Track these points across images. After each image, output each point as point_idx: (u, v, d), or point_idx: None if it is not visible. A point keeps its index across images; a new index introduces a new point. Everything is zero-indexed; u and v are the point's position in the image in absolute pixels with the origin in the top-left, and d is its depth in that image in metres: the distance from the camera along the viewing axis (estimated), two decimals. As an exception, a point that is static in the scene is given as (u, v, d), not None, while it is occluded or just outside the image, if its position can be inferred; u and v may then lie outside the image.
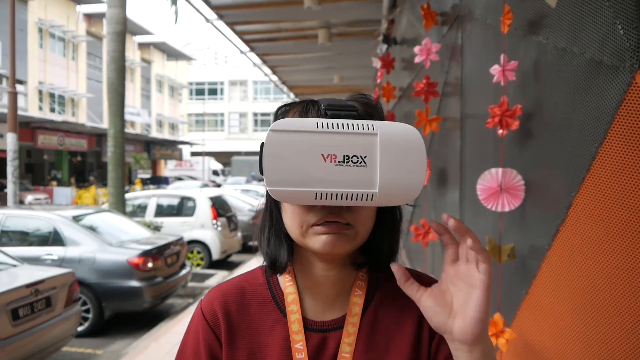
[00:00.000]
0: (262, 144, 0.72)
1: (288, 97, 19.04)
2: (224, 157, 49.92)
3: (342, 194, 0.71)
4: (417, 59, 2.57)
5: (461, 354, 0.74)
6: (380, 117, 0.82)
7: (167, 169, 44.18)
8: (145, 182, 31.55)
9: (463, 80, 2.49)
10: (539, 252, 1.73)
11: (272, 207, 0.85)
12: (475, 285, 0.72)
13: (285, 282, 0.87)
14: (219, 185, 30.90)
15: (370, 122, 0.73)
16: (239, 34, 9.72)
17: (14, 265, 5.21)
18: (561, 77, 1.60)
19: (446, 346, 0.80)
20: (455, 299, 0.74)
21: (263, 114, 55.10)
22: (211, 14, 8.61)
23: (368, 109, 0.81)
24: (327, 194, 0.70)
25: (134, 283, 6.37)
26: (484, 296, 0.71)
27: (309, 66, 12.44)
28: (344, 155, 0.71)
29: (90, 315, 6.35)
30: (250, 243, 12.72)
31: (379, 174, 0.71)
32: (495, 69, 1.82)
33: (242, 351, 0.84)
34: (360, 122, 0.73)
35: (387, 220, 0.85)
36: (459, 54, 2.51)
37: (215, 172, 43.53)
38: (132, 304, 6.42)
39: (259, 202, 0.91)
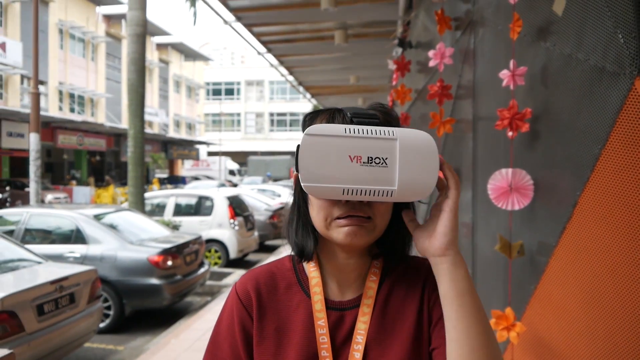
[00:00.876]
0: (298, 145, 0.83)
1: (304, 98, 19.15)
2: (241, 157, 50.23)
3: (365, 190, 0.81)
4: (431, 63, 2.66)
5: (436, 268, 0.88)
6: (397, 124, 0.93)
7: (184, 168, 44.59)
8: (162, 182, 31.88)
9: (475, 83, 2.57)
10: (547, 249, 1.81)
11: (300, 202, 0.96)
12: (444, 208, 0.86)
13: (310, 268, 0.99)
14: (235, 185, 31.11)
15: (390, 129, 0.84)
16: (257, 36, 9.84)
17: (39, 263, 5.38)
18: (567, 82, 1.68)
19: (438, 309, 0.90)
20: (435, 226, 0.88)
21: (279, 114, 55.31)
22: (229, 16, 8.73)
23: (388, 117, 0.93)
24: (352, 190, 0.81)
25: (154, 280, 6.51)
26: (447, 215, 0.85)
27: (326, 67, 12.53)
28: (368, 157, 0.82)
29: (111, 312, 6.50)
30: (267, 242, 12.85)
31: (398, 174, 0.82)
32: (504, 74, 1.90)
33: (270, 326, 0.95)
34: (382, 128, 0.84)
35: (402, 216, 0.95)
36: (471, 57, 2.59)
37: (231, 172, 43.82)
38: (152, 301, 6.57)
39: (288, 201, 1.02)
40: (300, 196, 0.97)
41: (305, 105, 48.45)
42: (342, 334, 0.94)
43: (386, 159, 0.82)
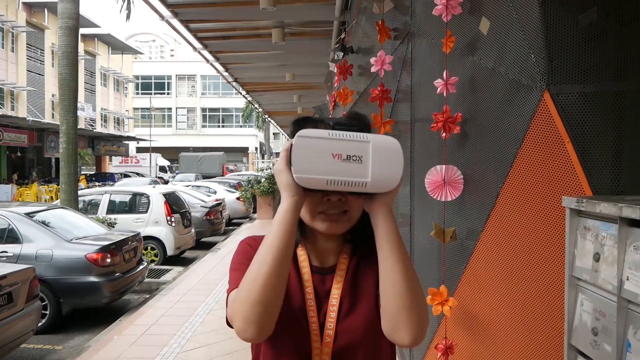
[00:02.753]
0: (291, 144, 1.04)
1: (239, 94, 19.08)
2: (172, 153, 48.97)
3: (344, 182, 1.04)
4: (372, 69, 2.92)
5: (373, 220, 1.10)
6: (369, 129, 1.16)
7: (112, 165, 42.95)
8: (90, 179, 30.59)
9: (412, 88, 2.86)
10: (474, 234, 2.12)
11: None
12: None
13: (298, 250, 1.24)
14: (166, 182, 30.36)
15: (364, 134, 1.08)
16: (193, 32, 9.78)
17: (-28, 262, 5.21)
18: (490, 92, 1.98)
19: None
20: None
21: (212, 110, 54.39)
22: (166, 12, 8.63)
23: (362, 126, 1.17)
24: (334, 181, 1.04)
25: (93, 278, 6.40)
26: None
27: (262, 64, 12.61)
28: (347, 155, 1.05)
29: (47, 312, 6.34)
30: (203, 239, 12.81)
31: (371, 169, 1.04)
32: (439, 82, 2.18)
33: None
34: (357, 133, 1.07)
35: None
36: (409, 65, 2.88)
37: (162, 169, 42.70)
38: (91, 300, 6.45)
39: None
40: None
41: (238, 100, 47.94)
42: (322, 292, 1.20)
43: (361, 157, 1.04)
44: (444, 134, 2.18)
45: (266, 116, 27.32)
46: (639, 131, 1.78)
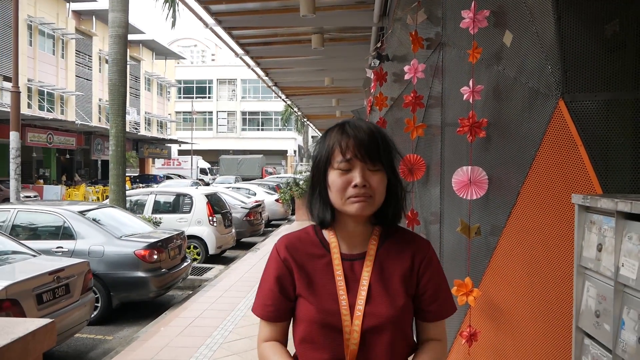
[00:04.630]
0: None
1: (278, 98, 19.47)
2: (212, 156, 50.07)
3: None
4: (406, 76, 3.13)
5: None
6: (389, 143, 1.39)
7: (155, 167, 44.22)
8: (134, 181, 31.59)
9: (443, 95, 3.04)
10: (497, 230, 2.29)
11: (321, 188, 1.37)
12: None
13: (329, 234, 1.42)
14: (207, 184, 31.09)
15: None
16: (236, 38, 10.14)
17: (34, 256, 5.64)
18: (512, 99, 2.16)
19: (428, 271, 1.35)
20: None
21: (251, 113, 55.31)
22: (210, 20, 9.00)
23: (383, 140, 1.37)
24: None
25: (141, 274, 6.76)
26: None
27: (301, 68, 12.89)
28: None
29: (99, 304, 6.72)
30: (243, 239, 13.18)
31: None
32: (465, 90, 2.37)
33: (303, 274, 1.38)
34: None
35: (392, 194, 1.38)
36: (440, 73, 3.06)
37: (203, 171, 43.65)
38: (139, 294, 6.81)
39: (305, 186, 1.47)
40: (322, 184, 1.38)
41: (277, 104, 48.62)
42: (352, 277, 1.37)
43: None
44: (470, 138, 2.36)
45: (305, 119, 27.69)
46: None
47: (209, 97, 55.20)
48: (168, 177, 34.22)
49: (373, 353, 1.32)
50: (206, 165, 45.22)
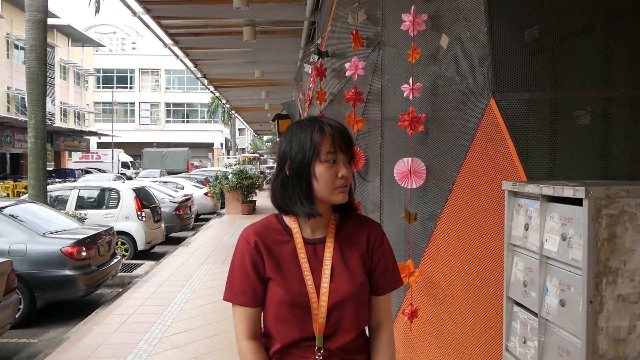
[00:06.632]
0: None
1: (206, 89, 19.16)
2: (135, 149, 48.21)
3: None
4: (347, 73, 3.30)
5: None
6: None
7: (72, 161, 41.96)
8: (49, 175, 29.80)
9: (382, 91, 3.25)
10: (435, 215, 2.52)
11: (306, 182, 1.47)
12: None
13: (291, 221, 1.55)
14: (129, 178, 29.99)
15: None
16: (165, 28, 9.91)
17: (-55, 257, 5.24)
18: (449, 96, 2.39)
19: (380, 250, 1.51)
20: None
21: (176, 105, 53.83)
22: (138, 8, 8.73)
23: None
24: None
25: (68, 272, 6.44)
26: None
27: (232, 60, 12.81)
28: None
29: (21, 306, 6.34)
30: (172, 234, 12.95)
31: None
32: (405, 87, 2.57)
33: (272, 258, 1.50)
34: None
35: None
36: (379, 70, 3.26)
37: (125, 165, 41.98)
38: (66, 293, 6.48)
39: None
40: (307, 177, 1.47)
41: (203, 96, 47.66)
42: (315, 260, 1.52)
43: None
44: (409, 131, 2.57)
45: (233, 112, 27.36)
46: (567, 131, 2.20)
47: (131, 88, 53.08)
48: (87, 172, 32.64)
49: (339, 325, 1.48)
50: (128, 158, 43.51)
